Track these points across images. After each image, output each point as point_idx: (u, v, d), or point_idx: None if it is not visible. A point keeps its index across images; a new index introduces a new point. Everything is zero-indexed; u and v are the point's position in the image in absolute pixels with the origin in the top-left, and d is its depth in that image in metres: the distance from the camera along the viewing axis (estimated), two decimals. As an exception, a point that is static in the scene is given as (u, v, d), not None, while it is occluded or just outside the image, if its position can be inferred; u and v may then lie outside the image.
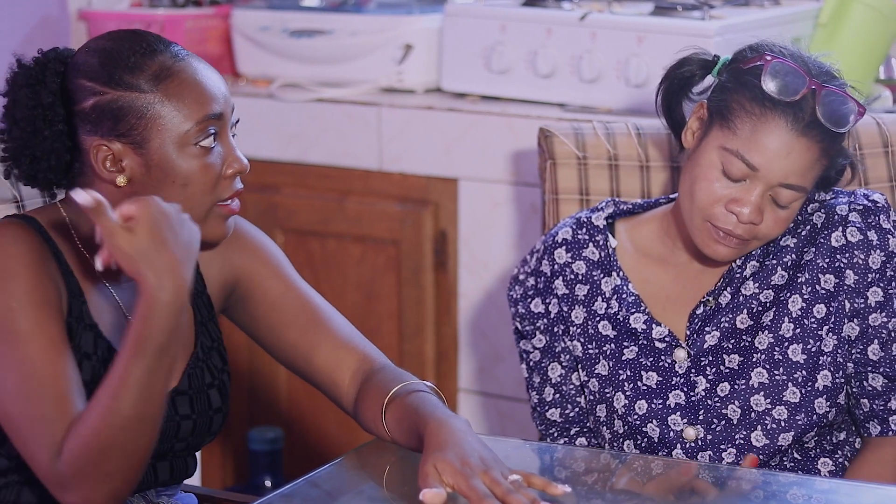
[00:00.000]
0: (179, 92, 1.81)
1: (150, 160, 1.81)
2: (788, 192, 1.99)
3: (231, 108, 1.87)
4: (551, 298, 2.16)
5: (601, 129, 2.39)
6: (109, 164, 1.81)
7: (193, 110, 1.81)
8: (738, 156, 1.98)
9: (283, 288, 2.00)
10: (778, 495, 1.81)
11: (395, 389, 1.87)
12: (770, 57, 1.99)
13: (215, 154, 1.83)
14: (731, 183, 2.00)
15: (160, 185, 1.81)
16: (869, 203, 2.09)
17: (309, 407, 3.36)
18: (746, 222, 1.99)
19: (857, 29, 3.01)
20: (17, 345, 1.71)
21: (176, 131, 1.80)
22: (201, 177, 1.82)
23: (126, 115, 1.79)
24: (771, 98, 1.97)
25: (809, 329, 2.06)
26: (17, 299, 1.73)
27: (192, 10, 3.50)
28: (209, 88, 1.83)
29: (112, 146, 1.80)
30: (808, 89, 1.97)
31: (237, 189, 1.87)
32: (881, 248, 2.07)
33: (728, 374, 2.07)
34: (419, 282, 3.19)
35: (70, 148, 1.85)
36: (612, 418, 2.11)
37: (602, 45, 3.01)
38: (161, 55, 1.82)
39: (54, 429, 1.69)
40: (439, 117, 3.14)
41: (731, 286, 2.10)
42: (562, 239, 2.16)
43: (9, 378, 1.71)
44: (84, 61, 1.83)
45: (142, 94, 1.80)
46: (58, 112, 1.84)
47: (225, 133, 1.85)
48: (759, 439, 2.05)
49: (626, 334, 2.12)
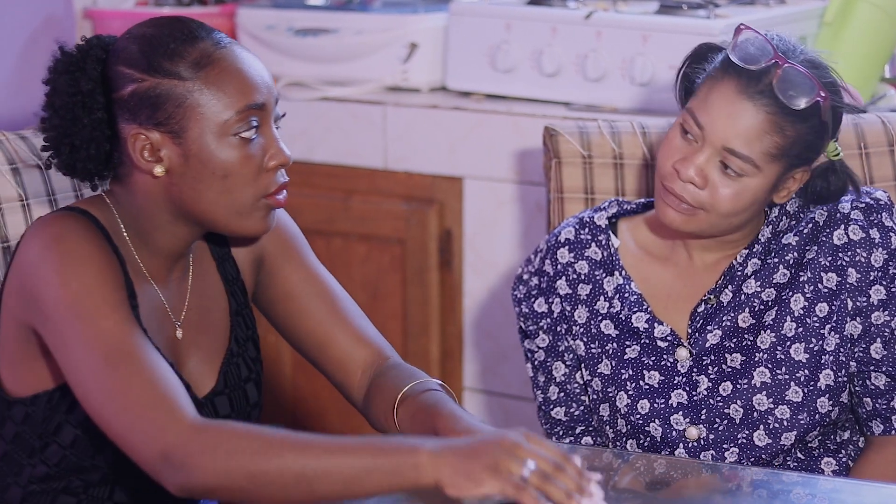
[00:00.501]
0: (220, 80, 1.75)
1: (189, 150, 1.75)
2: (735, 160, 1.98)
3: (275, 99, 1.80)
4: (554, 298, 2.16)
5: (606, 127, 2.39)
6: (147, 154, 1.76)
7: (234, 99, 1.75)
8: (691, 114, 2.00)
9: (304, 274, 1.96)
10: (782, 494, 1.81)
11: (410, 386, 1.85)
12: (744, 27, 2.01)
13: (256, 145, 1.77)
14: (685, 144, 2.01)
15: (199, 176, 1.76)
16: (871, 201, 2.08)
17: (314, 407, 3.36)
18: (686, 180, 1.99)
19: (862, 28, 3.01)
20: (95, 320, 1.66)
21: (215, 120, 1.75)
22: (241, 168, 1.76)
23: (164, 103, 1.74)
24: (732, 64, 1.98)
25: (812, 328, 2.06)
26: (91, 277, 1.69)
27: (197, 9, 3.51)
28: (251, 77, 1.77)
29: (150, 135, 1.75)
30: (771, 62, 1.97)
31: (282, 182, 1.81)
32: (884, 247, 2.06)
33: (730, 374, 2.07)
34: (424, 281, 3.19)
35: (110, 137, 1.80)
36: (615, 417, 2.11)
37: (607, 44, 3.01)
38: (202, 42, 1.76)
39: (160, 396, 1.61)
40: (444, 116, 3.14)
41: (732, 284, 2.09)
42: (564, 239, 2.16)
43: (91, 354, 1.65)
44: (124, 47, 1.78)
45: (181, 81, 1.74)
46: (97, 99, 1.78)
47: (267, 124, 1.79)
48: (761, 439, 2.05)
49: (629, 333, 2.12)
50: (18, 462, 1.83)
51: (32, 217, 1.99)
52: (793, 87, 1.96)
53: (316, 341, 1.95)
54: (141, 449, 1.60)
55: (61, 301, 1.68)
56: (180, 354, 1.87)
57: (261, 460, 1.57)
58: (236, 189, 1.77)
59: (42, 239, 1.73)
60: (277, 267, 1.97)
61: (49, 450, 1.81)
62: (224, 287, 1.93)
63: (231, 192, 1.77)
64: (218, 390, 1.88)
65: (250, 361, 1.93)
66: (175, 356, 1.86)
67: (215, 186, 1.76)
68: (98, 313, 1.67)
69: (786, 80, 1.96)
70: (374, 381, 1.92)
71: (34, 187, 2.00)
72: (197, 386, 1.87)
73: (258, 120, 1.77)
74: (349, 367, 1.94)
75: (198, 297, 1.90)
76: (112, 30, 3.41)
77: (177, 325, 1.87)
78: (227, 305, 1.93)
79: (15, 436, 1.83)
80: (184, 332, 1.88)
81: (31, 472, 1.83)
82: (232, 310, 1.93)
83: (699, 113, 1.99)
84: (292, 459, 1.57)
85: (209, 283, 1.92)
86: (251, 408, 1.92)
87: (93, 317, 1.67)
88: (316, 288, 1.96)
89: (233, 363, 1.91)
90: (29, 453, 1.82)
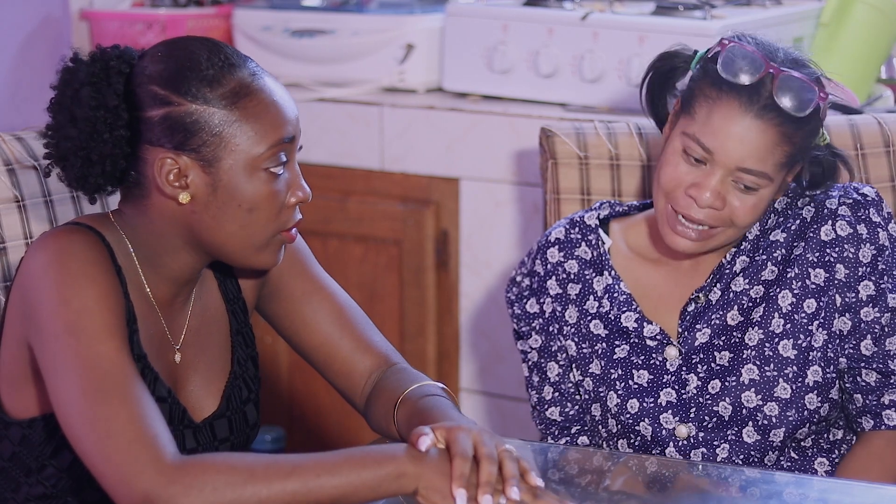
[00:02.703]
0: (257, 113, 1.72)
1: (219, 180, 1.72)
2: (750, 177, 1.98)
3: (300, 131, 1.78)
4: (545, 298, 2.16)
5: (602, 128, 2.39)
6: (174, 179, 1.72)
7: (268, 133, 1.72)
8: (694, 140, 1.98)
9: (309, 287, 1.95)
10: (775, 495, 1.81)
11: (409, 390, 1.84)
12: (727, 42, 2.00)
13: (282, 181, 1.75)
14: (692, 168, 1.99)
15: (225, 207, 1.73)
16: (859, 196, 2.08)
17: (311, 407, 3.36)
18: (705, 206, 1.98)
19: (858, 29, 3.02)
20: (88, 343, 1.63)
21: (248, 154, 1.71)
22: (267, 203, 1.74)
23: (199, 131, 1.70)
24: (726, 81, 1.96)
25: (799, 324, 2.06)
26: (91, 298, 1.66)
27: (193, 10, 3.51)
28: (285, 111, 1.75)
29: (179, 160, 1.71)
30: (765, 73, 1.95)
31: (297, 220, 1.80)
32: (871, 242, 2.06)
33: (718, 372, 2.07)
34: (421, 282, 3.19)
35: (128, 155, 1.75)
36: (606, 417, 2.11)
37: (603, 45, 3.01)
38: (240, 70, 1.73)
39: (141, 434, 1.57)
40: (441, 117, 3.14)
41: (720, 282, 2.10)
42: (554, 238, 2.16)
43: (79, 378, 1.61)
44: (157, 67, 1.73)
45: (218, 110, 1.71)
46: (121, 116, 1.73)
47: (293, 159, 1.77)
48: (750, 435, 2.05)
49: (618, 333, 2.12)
50: (15, 479, 1.82)
51: (28, 218, 1.98)
52: (794, 95, 1.95)
53: (322, 353, 1.95)
54: (121, 492, 1.57)
55: (59, 318, 1.65)
56: (179, 378, 1.85)
57: (246, 492, 1.55)
58: (258, 223, 1.75)
59: (47, 253, 1.70)
60: (283, 281, 1.95)
61: (46, 471, 1.79)
62: (225, 307, 1.92)
63: (252, 226, 1.75)
64: (219, 413, 1.86)
65: (250, 381, 1.92)
66: (174, 380, 1.84)
67: (239, 219, 1.74)
68: (94, 337, 1.64)
69: (786, 90, 1.95)
70: (376, 385, 1.91)
71: (30, 188, 2.00)
72: (195, 409, 1.85)
73: (286, 155, 1.75)
74: (354, 376, 1.93)
75: (197, 320, 1.88)
76: (109, 31, 3.42)
77: (175, 349, 1.85)
78: (227, 326, 1.91)
79: (12, 455, 1.81)
80: (182, 356, 1.85)
81: (28, 490, 1.81)
82: (232, 329, 1.91)
83: (704, 137, 1.97)
84: (280, 486, 1.56)
85: (210, 303, 1.91)
86: (250, 429, 1.90)
87: (89, 339, 1.63)
88: (321, 299, 1.95)
89: (235, 385, 1.89)
90: (26, 473, 1.81)
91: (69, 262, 1.68)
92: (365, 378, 1.93)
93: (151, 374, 1.77)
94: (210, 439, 1.84)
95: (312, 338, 1.94)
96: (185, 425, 1.82)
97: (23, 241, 1.99)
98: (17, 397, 1.79)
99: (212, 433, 1.85)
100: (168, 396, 1.79)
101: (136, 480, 1.55)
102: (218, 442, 1.85)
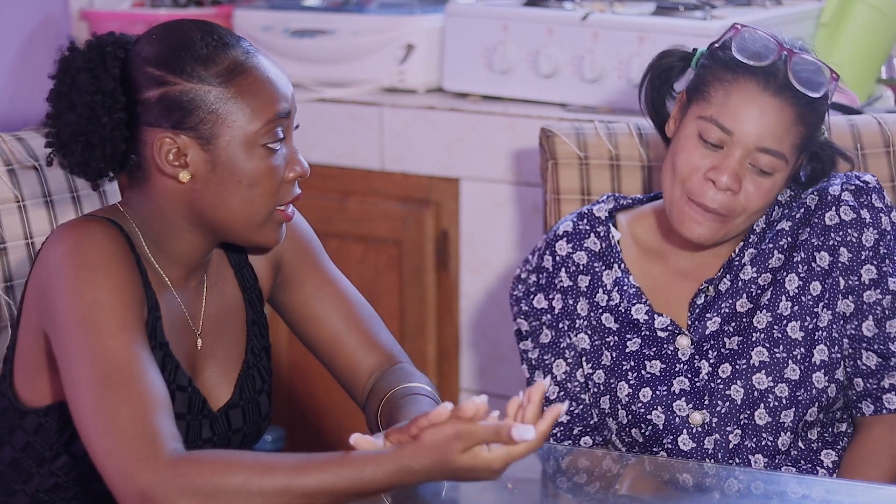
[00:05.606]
0: (252, 90, 1.75)
1: (217, 157, 1.74)
2: (767, 157, 2.00)
3: (296, 108, 1.81)
4: (554, 294, 2.16)
5: (602, 129, 2.39)
6: (173, 158, 1.74)
7: (264, 109, 1.75)
8: (712, 121, 2.00)
9: (320, 280, 1.97)
10: (777, 495, 1.81)
11: (397, 388, 1.86)
12: (740, 26, 2.03)
13: (279, 156, 1.77)
14: (709, 152, 2.01)
15: (225, 184, 1.75)
16: (861, 183, 2.11)
17: (310, 406, 3.36)
18: (724, 189, 2.00)
19: (858, 29, 3.02)
20: (100, 337, 1.63)
21: (244, 130, 1.74)
22: (266, 179, 1.76)
23: (196, 109, 1.73)
24: (742, 63, 2.00)
25: (806, 306, 2.08)
26: (106, 291, 1.66)
27: (193, 10, 3.51)
28: (280, 87, 1.78)
29: (177, 139, 1.74)
30: (778, 55, 2.00)
31: (296, 194, 1.82)
32: (874, 226, 2.09)
33: (728, 355, 2.08)
34: (421, 282, 3.19)
35: (127, 138, 1.78)
36: (616, 408, 2.12)
37: (603, 45, 3.01)
38: (233, 49, 1.76)
39: (143, 429, 1.58)
40: (441, 117, 3.14)
41: (730, 273, 2.11)
42: (563, 231, 2.17)
43: (89, 370, 1.62)
44: (152, 49, 1.76)
45: (213, 88, 1.73)
46: (118, 99, 1.76)
47: (289, 135, 1.79)
48: (762, 417, 2.07)
49: (629, 326, 2.12)
50: (27, 470, 1.82)
51: (28, 218, 1.99)
52: (809, 75, 2.00)
53: (328, 348, 1.96)
54: (119, 486, 1.57)
55: (72, 310, 1.66)
56: (198, 365, 1.86)
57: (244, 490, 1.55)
58: (258, 199, 1.77)
59: (65, 244, 1.71)
60: (294, 272, 1.97)
61: (60, 460, 1.80)
62: (242, 296, 1.93)
63: (253, 202, 1.76)
64: (233, 403, 1.87)
65: (264, 372, 1.93)
66: (193, 367, 1.85)
67: (240, 195, 1.76)
68: (105, 331, 1.64)
69: (801, 70, 1.99)
70: (375, 383, 1.93)
71: (30, 188, 2.00)
72: (212, 397, 1.86)
73: (283, 131, 1.77)
74: (357, 373, 1.95)
75: (215, 306, 1.89)
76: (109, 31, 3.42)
77: (196, 335, 1.86)
78: (244, 315, 1.92)
79: (25, 445, 1.81)
80: (203, 342, 1.87)
81: (39, 481, 1.82)
82: (249, 319, 1.92)
83: (723, 118, 1.99)
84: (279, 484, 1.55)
85: (227, 291, 1.91)
86: (262, 420, 1.91)
87: (100, 333, 1.64)
88: (330, 294, 1.96)
89: (249, 375, 1.90)
90: (39, 463, 1.81)
91: (86, 254, 1.69)
92: (368, 375, 1.94)
93: (172, 362, 1.78)
94: (225, 429, 1.85)
95: (320, 332, 1.96)
96: (204, 415, 1.83)
97: (23, 241, 1.99)
98: (33, 386, 1.80)
99: (227, 423, 1.86)
100: (188, 386, 1.80)
101: (134, 477, 1.55)
102: (232, 432, 1.86)
